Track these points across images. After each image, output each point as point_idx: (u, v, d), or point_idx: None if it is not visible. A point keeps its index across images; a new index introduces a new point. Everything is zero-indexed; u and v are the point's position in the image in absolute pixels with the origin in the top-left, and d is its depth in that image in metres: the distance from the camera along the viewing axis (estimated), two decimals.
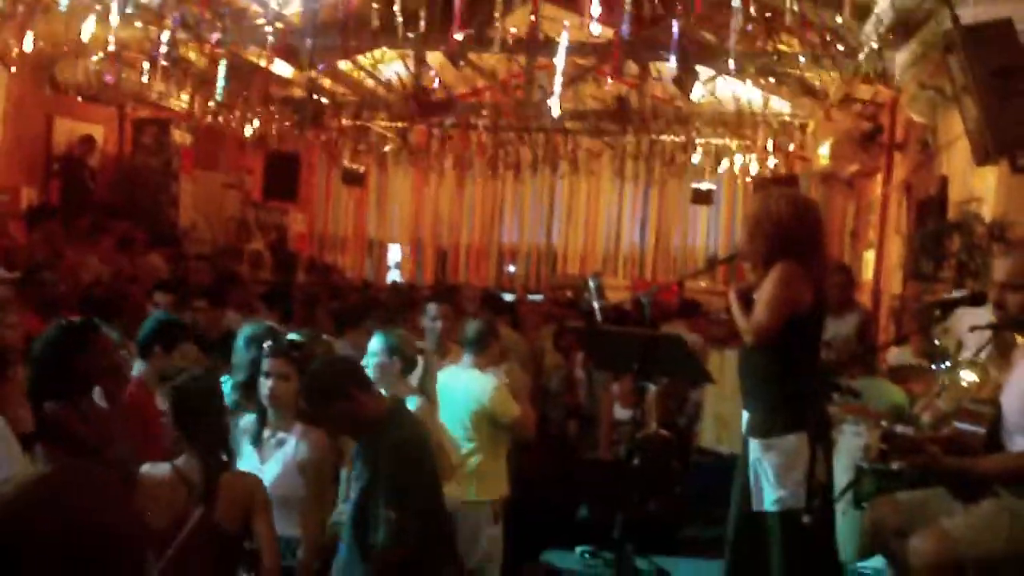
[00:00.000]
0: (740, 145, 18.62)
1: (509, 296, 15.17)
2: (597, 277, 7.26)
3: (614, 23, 11.02)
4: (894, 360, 8.50)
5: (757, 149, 18.11)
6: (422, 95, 16.24)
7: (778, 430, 5.23)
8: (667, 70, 14.40)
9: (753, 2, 10.21)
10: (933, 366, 7.22)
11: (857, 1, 10.15)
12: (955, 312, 5.93)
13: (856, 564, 6.29)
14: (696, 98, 15.22)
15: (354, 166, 20.96)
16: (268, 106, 16.42)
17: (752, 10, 10.33)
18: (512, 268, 23.77)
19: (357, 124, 18.44)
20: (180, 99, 16.16)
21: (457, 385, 6.97)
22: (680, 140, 18.36)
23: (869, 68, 11.37)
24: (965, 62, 7.47)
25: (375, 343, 6.38)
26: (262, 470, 5.44)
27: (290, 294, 11.19)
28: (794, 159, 18.36)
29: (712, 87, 15.44)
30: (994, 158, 7.81)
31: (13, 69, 13.03)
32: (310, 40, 10.48)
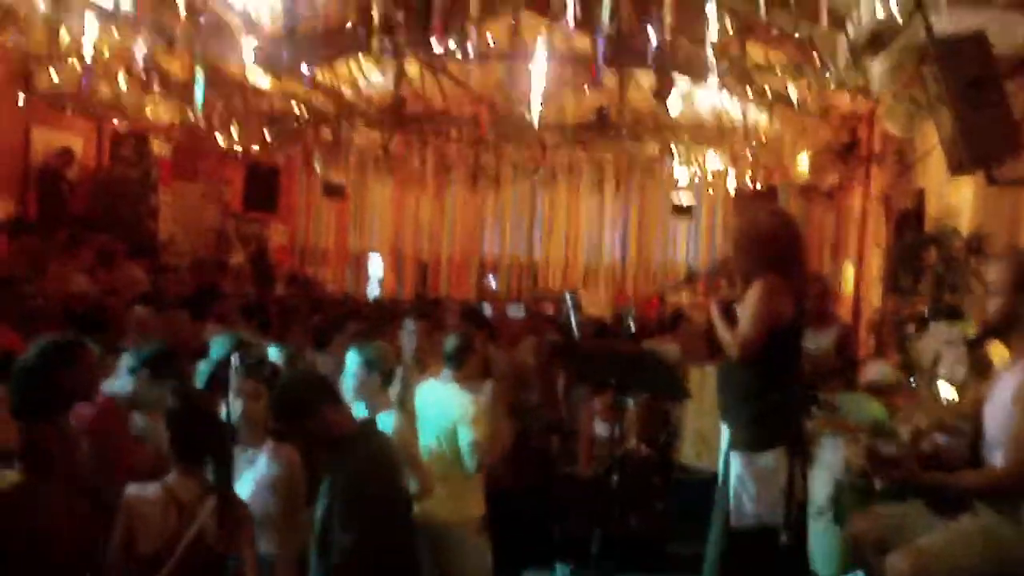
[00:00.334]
0: (720, 158, 18.64)
1: (488, 308, 15.16)
2: (574, 292, 7.27)
3: (593, 33, 11.00)
4: (874, 374, 8.49)
5: (736, 161, 18.13)
6: (400, 106, 16.21)
7: (761, 444, 5.23)
8: (646, 81, 14.43)
9: (730, 14, 10.20)
10: (911, 380, 7.23)
11: (833, 13, 10.15)
12: (930, 326, 5.94)
13: None
14: (675, 110, 15.22)
15: (334, 178, 20.91)
16: (247, 117, 16.35)
17: (729, 21, 10.32)
18: (493, 280, 23.73)
19: (337, 135, 18.38)
20: (159, 111, 16.11)
21: (434, 400, 6.93)
22: (660, 152, 18.36)
23: (846, 79, 11.39)
24: (939, 73, 7.46)
25: (352, 359, 6.34)
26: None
27: (268, 307, 11.14)
28: (773, 171, 18.39)
29: (690, 99, 15.44)
30: (969, 169, 7.80)
31: None
32: (287, 53, 10.42)
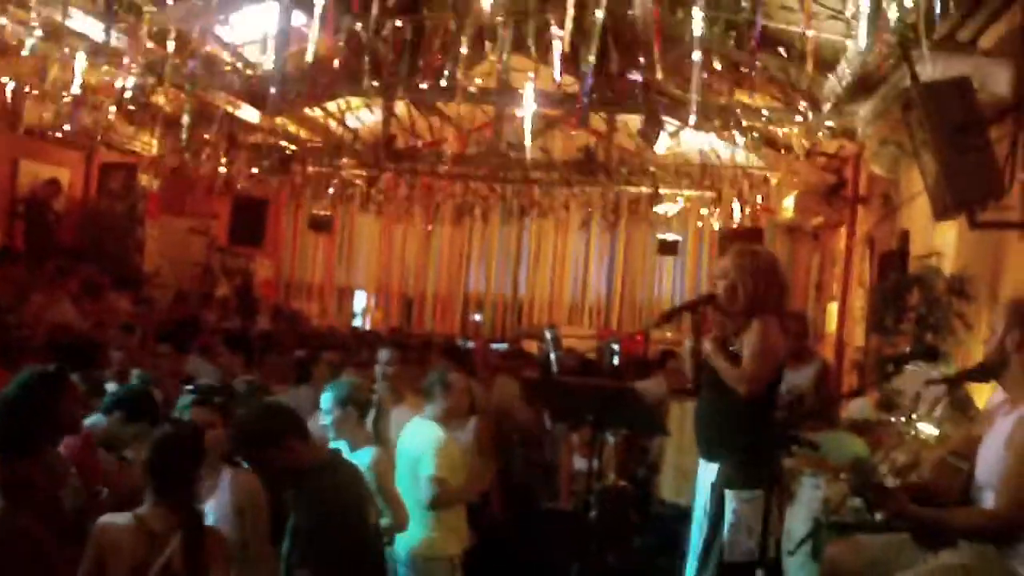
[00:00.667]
0: (706, 197, 18.71)
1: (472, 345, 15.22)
2: (554, 328, 7.30)
3: (580, 75, 11.08)
4: (855, 412, 8.53)
5: (723, 201, 18.21)
6: (390, 142, 16.28)
7: (753, 482, 5.26)
8: (633, 122, 14.51)
9: (717, 56, 10.29)
10: (892, 419, 7.25)
11: (820, 57, 10.24)
12: (909, 367, 5.97)
13: None
14: (661, 150, 15.29)
15: (321, 212, 20.94)
16: (235, 151, 16.38)
17: (716, 64, 10.41)
18: (479, 317, 23.75)
19: (324, 170, 18.43)
20: (149, 143, 16.15)
21: (410, 435, 6.93)
22: (646, 191, 18.43)
23: (832, 123, 11.49)
24: (924, 118, 7.53)
25: (326, 398, 6.32)
26: None
27: (251, 340, 11.16)
28: (759, 211, 18.46)
29: (677, 139, 15.53)
30: (953, 213, 7.87)
31: None
32: (275, 88, 10.46)
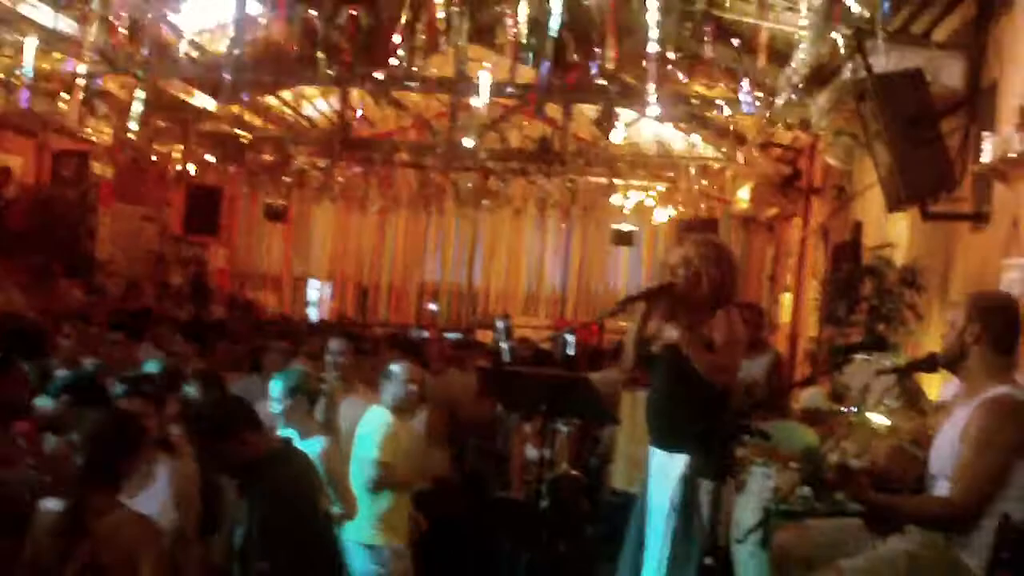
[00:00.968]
0: (661, 188, 18.77)
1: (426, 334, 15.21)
2: (506, 318, 7.30)
3: (536, 65, 11.08)
4: (807, 401, 8.58)
5: (678, 192, 18.27)
6: (346, 131, 16.23)
7: (727, 471, 5.28)
8: (590, 112, 14.53)
9: (672, 47, 10.30)
10: (843, 409, 7.29)
11: (775, 49, 10.29)
12: (859, 357, 6.00)
13: None
14: (617, 140, 15.32)
15: (276, 201, 20.85)
16: (190, 139, 16.28)
17: (671, 55, 10.42)
18: (434, 307, 23.74)
19: (280, 159, 18.35)
20: (102, 131, 16.01)
21: (363, 424, 6.93)
22: (602, 182, 18.46)
23: (787, 114, 11.53)
24: (877, 110, 7.58)
25: (276, 386, 6.31)
26: (131, 503, 5.34)
27: (204, 329, 11.10)
28: (714, 202, 18.54)
29: (633, 130, 15.57)
30: (905, 205, 7.92)
31: None
32: (229, 75, 10.40)
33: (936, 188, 7.48)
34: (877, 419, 6.62)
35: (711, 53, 10.30)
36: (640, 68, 10.66)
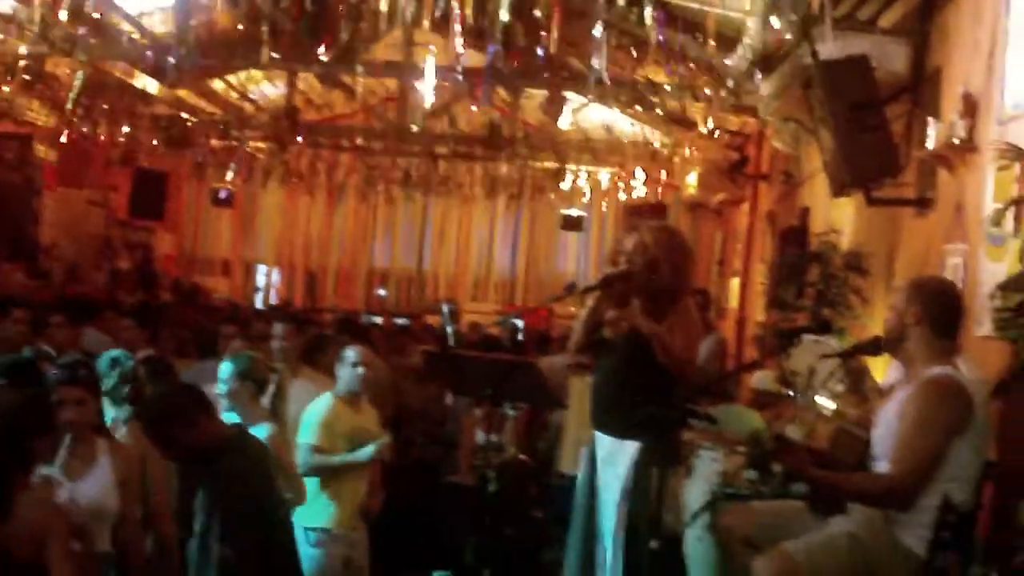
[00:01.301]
0: (610, 173, 18.80)
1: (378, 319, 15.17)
2: (452, 302, 7.29)
3: (484, 49, 11.05)
4: (756, 382, 8.66)
5: (626, 177, 18.31)
6: (293, 115, 16.12)
7: (679, 457, 5.30)
8: (539, 97, 14.52)
9: (619, 32, 10.30)
10: (790, 392, 7.34)
11: (723, 34, 10.31)
12: (804, 340, 6.03)
13: None
14: (565, 125, 15.32)
15: (223, 186, 20.71)
16: (134, 122, 16.12)
17: (616, 39, 10.42)
18: (383, 292, 23.69)
19: (226, 143, 18.20)
20: (45, 114, 15.82)
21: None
22: (551, 166, 18.47)
23: (735, 100, 11.57)
24: (823, 96, 7.62)
25: (225, 368, 6.29)
26: (74, 489, 5.33)
27: (149, 313, 11.02)
28: (663, 187, 18.59)
29: (580, 114, 15.57)
30: (850, 190, 7.97)
31: None
32: (174, 58, 10.29)
33: (880, 174, 7.53)
34: (823, 403, 6.67)
35: (658, 38, 10.30)
36: (587, 53, 10.64)
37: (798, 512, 5.06)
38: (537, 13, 9.68)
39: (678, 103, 13.00)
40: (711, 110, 12.80)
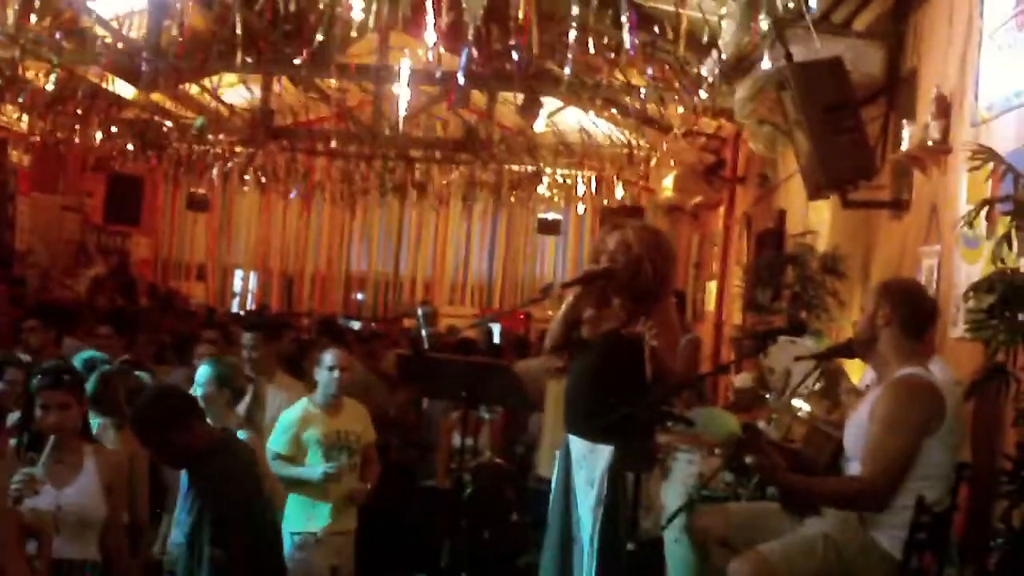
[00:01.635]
0: (586, 176, 18.80)
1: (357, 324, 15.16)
2: (426, 305, 7.27)
3: (459, 53, 11.02)
4: (739, 383, 8.69)
5: (603, 180, 18.31)
6: (268, 119, 16.07)
7: (645, 460, 5.27)
8: (514, 100, 14.51)
9: (593, 35, 10.27)
10: (767, 395, 7.35)
11: (697, 37, 10.31)
12: (778, 342, 6.04)
13: None
14: (540, 128, 15.31)
15: (199, 191, 20.64)
16: (108, 127, 16.03)
17: (592, 43, 10.39)
18: (360, 296, 23.66)
19: (202, 148, 18.12)
20: (19, 118, 15.74)
21: None
22: (527, 170, 18.45)
23: (710, 103, 11.57)
24: (797, 99, 7.62)
25: (203, 373, 6.26)
26: (59, 496, 5.32)
27: (126, 319, 10.98)
28: (640, 190, 18.60)
29: (556, 118, 15.56)
30: (825, 193, 7.98)
31: None
32: (146, 62, 10.24)
33: (856, 176, 7.53)
34: (798, 404, 6.68)
35: (632, 41, 10.28)
36: (562, 56, 10.63)
37: (774, 513, 5.07)
38: (511, 16, 9.63)
39: (654, 106, 12.99)
40: (686, 113, 12.79)
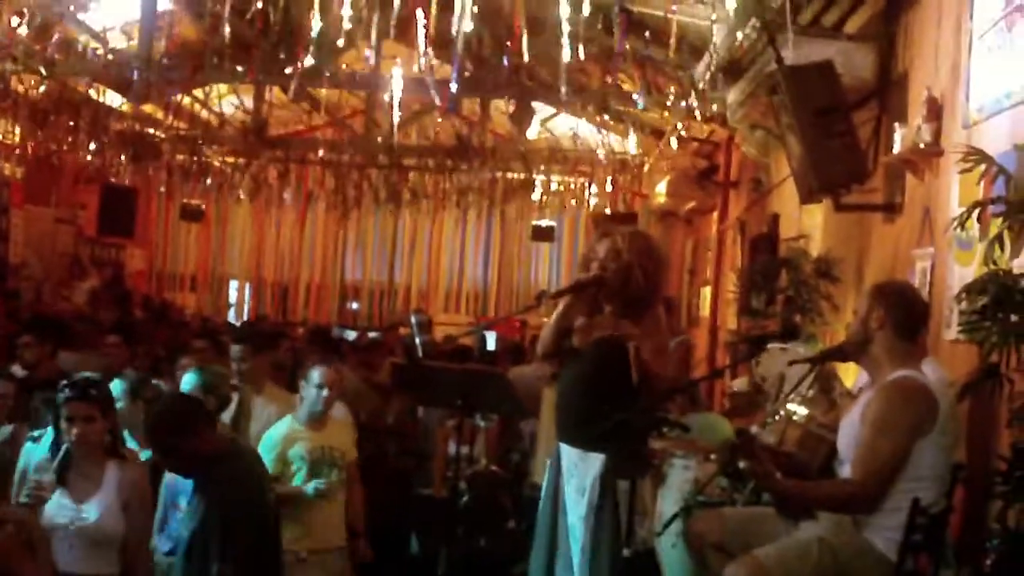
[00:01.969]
0: (580, 182, 18.80)
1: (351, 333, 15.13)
2: (420, 313, 7.26)
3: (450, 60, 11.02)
4: (738, 386, 8.70)
5: (596, 186, 18.31)
6: (262, 129, 16.07)
7: (637, 468, 5.26)
8: (508, 107, 14.51)
9: (586, 41, 10.27)
10: (762, 399, 7.35)
11: (689, 42, 10.32)
12: (769, 350, 6.04)
13: None
14: (532, 135, 15.31)
15: (192, 201, 20.62)
16: (101, 139, 16.01)
17: (583, 49, 10.39)
18: (355, 305, 23.65)
19: (195, 159, 18.10)
20: (11, 131, 15.71)
21: None
22: (521, 177, 18.45)
23: (702, 108, 11.57)
24: (788, 102, 7.62)
25: (189, 381, 6.26)
26: (79, 510, 5.35)
27: (122, 332, 10.95)
28: (633, 196, 18.61)
29: (549, 124, 15.56)
30: (818, 196, 7.99)
31: None
32: (138, 73, 10.22)
33: (848, 179, 7.54)
34: (793, 408, 6.68)
35: (623, 47, 10.29)
36: (554, 63, 10.63)
37: (769, 518, 5.07)
38: (503, 23, 9.65)
39: (646, 111, 13.00)
40: (678, 119, 12.80)
